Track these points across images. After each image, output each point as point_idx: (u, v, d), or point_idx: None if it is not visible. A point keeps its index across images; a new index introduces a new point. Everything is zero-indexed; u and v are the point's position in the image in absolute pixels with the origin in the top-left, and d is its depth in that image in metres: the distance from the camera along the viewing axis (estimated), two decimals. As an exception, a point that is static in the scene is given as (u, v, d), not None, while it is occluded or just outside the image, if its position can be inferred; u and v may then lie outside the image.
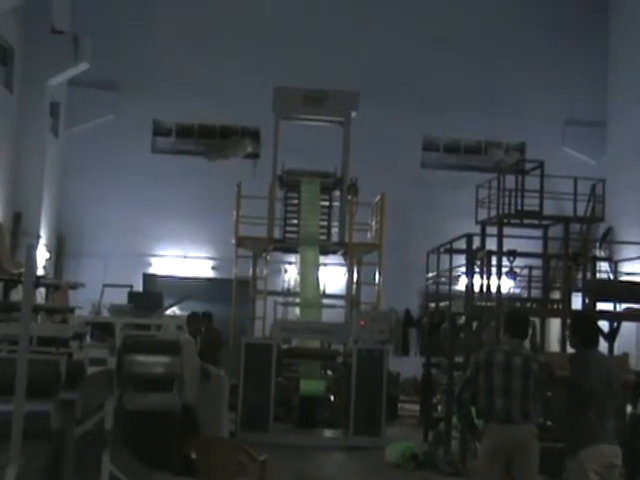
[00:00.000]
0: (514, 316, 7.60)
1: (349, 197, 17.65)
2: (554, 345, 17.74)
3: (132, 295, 16.97)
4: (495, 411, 7.04)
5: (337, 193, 18.03)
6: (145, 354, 9.32)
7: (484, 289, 15.41)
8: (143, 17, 23.59)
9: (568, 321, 14.90)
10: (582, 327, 7.17)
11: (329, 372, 16.28)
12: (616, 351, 13.44)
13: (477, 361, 7.29)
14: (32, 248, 5.48)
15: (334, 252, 18.23)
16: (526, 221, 16.07)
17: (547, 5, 24.47)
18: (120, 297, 16.67)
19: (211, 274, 23.62)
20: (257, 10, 23.92)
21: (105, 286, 17.25)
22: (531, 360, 7.18)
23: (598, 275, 16.46)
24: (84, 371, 6.30)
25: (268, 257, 17.55)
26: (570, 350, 7.45)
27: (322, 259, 17.77)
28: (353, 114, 18.08)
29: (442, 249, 16.90)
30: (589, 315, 8.47)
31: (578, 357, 7.07)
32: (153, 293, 18.99)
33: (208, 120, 24.36)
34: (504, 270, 15.41)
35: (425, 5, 24.28)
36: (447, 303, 15.59)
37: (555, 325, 17.17)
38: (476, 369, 7.21)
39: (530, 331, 8.60)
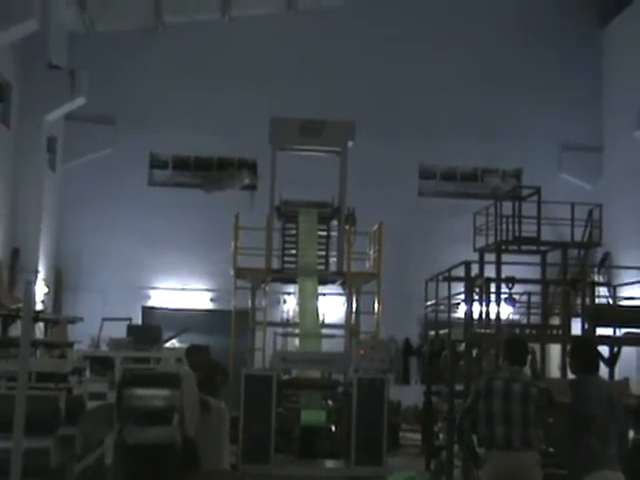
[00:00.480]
0: (513, 343, 7.63)
1: (347, 227, 17.65)
2: (554, 371, 17.69)
3: (131, 328, 16.99)
4: (496, 439, 7.02)
5: (335, 223, 18.02)
6: (145, 387, 9.28)
7: (483, 316, 15.40)
8: (139, 52, 23.74)
9: (568, 347, 14.91)
10: (582, 352, 7.15)
11: (330, 402, 16.22)
12: (616, 376, 13.41)
13: (477, 389, 7.31)
14: (30, 284, 5.49)
15: (333, 282, 18.19)
16: (524, 247, 16.11)
17: (542, 32, 24.64)
18: (119, 331, 16.69)
19: (210, 306, 23.58)
20: (252, 43, 24.08)
21: (104, 320, 17.25)
22: (530, 386, 7.19)
23: (597, 300, 16.45)
24: (83, 406, 6.29)
25: (267, 288, 17.51)
26: (571, 376, 7.43)
27: (321, 289, 17.72)
28: (350, 144, 18.12)
29: (441, 277, 16.89)
30: (589, 340, 8.45)
31: (578, 383, 7.05)
32: (152, 326, 19.00)
33: (205, 152, 24.44)
34: (503, 297, 15.41)
35: (418, 34, 24.44)
36: (447, 331, 15.55)
37: (555, 351, 17.14)
38: (476, 397, 7.22)
39: (529, 358, 8.56)
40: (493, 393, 7.09)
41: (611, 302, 18.53)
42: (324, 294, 18.97)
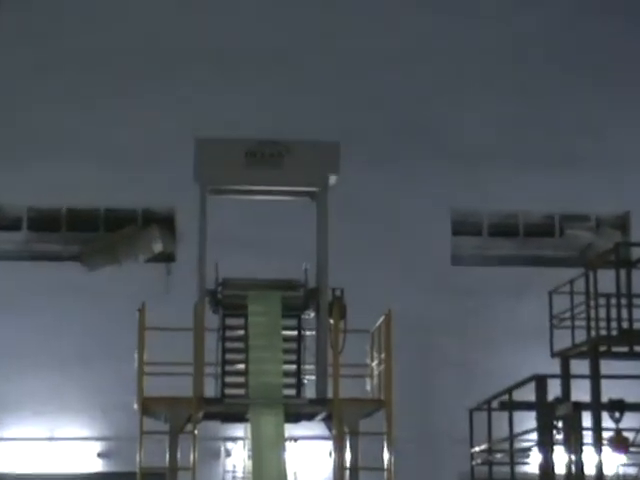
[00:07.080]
0: None
1: (332, 321, 17.54)
2: None
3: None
4: None
5: (311, 315, 17.93)
6: None
7: (572, 470, 15.27)
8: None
9: None
10: None
11: None
12: None
13: None
14: None
15: (310, 416, 18.04)
16: (637, 348, 16.06)
17: None
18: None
19: (98, 466, 23.44)
20: (162, 15, 24.31)
21: None
22: None
23: None
24: None
25: (196, 431, 17.32)
26: None
27: (290, 429, 17.57)
28: (332, 179, 18.05)
29: (495, 403, 16.79)
30: None
31: None
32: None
33: (85, 201, 24.37)
34: (606, 436, 15.30)
35: (448, 13, 24.71)
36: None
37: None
38: None
39: None
40: None
41: None
42: (295, 439, 18.79)
